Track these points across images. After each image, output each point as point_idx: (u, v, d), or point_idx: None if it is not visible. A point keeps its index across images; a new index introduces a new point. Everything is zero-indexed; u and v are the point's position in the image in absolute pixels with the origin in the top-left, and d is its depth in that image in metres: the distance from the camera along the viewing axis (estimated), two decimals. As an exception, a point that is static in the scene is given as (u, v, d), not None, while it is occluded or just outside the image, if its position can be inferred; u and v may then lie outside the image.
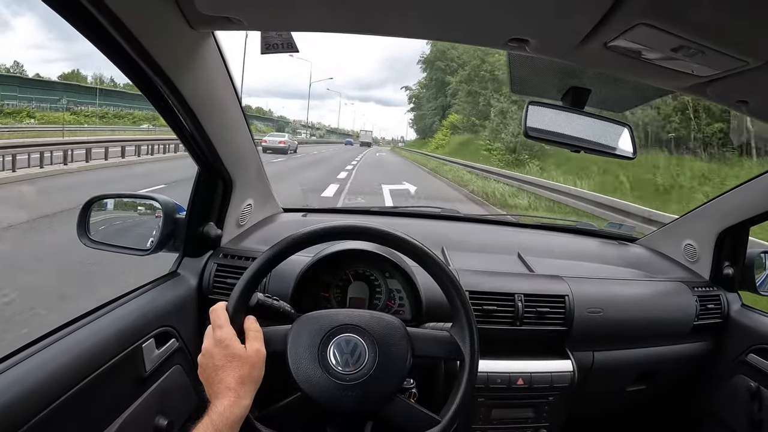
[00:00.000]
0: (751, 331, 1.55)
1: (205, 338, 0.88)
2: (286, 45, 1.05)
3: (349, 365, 0.87)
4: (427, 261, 0.97)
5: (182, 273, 1.32)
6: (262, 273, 0.95)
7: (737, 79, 0.84)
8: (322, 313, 0.94)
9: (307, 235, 0.95)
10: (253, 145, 1.35)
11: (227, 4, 0.82)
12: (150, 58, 0.85)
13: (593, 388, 1.48)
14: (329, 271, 1.30)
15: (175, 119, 1.06)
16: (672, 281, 1.62)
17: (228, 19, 0.86)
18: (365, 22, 0.89)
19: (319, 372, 0.87)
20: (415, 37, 0.91)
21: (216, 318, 0.88)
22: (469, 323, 0.93)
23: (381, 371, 0.87)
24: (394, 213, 1.85)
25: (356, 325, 0.90)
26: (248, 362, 0.84)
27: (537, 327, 1.34)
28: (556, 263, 1.62)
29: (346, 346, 0.88)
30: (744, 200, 1.53)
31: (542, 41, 0.85)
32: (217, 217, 1.34)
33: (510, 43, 0.86)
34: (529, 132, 1.06)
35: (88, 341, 0.94)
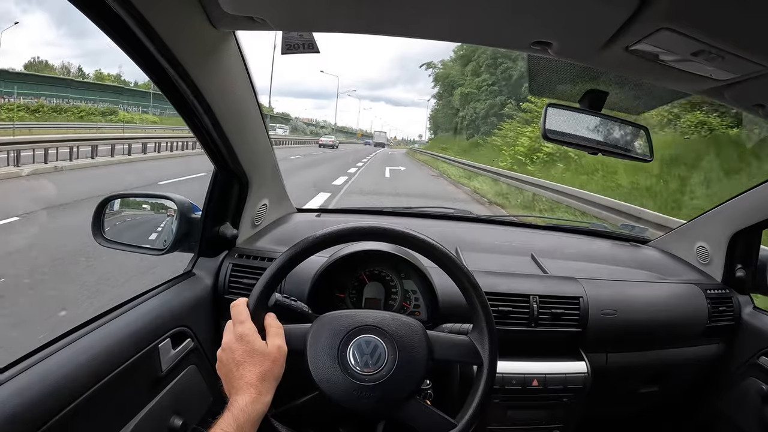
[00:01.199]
0: (762, 334, 1.57)
1: (225, 333, 0.89)
2: (307, 46, 1.07)
3: (368, 366, 0.88)
4: (447, 263, 0.98)
5: (197, 273, 1.34)
6: (283, 272, 0.96)
7: (755, 83, 0.86)
8: (341, 313, 0.94)
9: (329, 236, 0.96)
10: (269, 145, 1.37)
11: (251, 4, 0.83)
12: (172, 57, 0.87)
13: (606, 389, 1.49)
14: (345, 271, 1.32)
15: (193, 117, 1.08)
16: (684, 283, 1.64)
17: (251, 19, 0.87)
18: (390, 23, 0.90)
19: (338, 372, 0.87)
20: (439, 39, 0.93)
21: (237, 313, 0.89)
22: (489, 328, 0.94)
23: (400, 373, 0.88)
24: (408, 213, 1.87)
25: (376, 326, 0.91)
26: (269, 358, 0.85)
27: (551, 328, 1.36)
28: (569, 265, 1.64)
29: (366, 347, 0.89)
30: (758, 202, 1.54)
31: (565, 45, 0.87)
32: (233, 217, 1.36)
33: (533, 46, 0.88)
34: (548, 134, 1.08)
35: (105, 341, 0.96)
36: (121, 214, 1.42)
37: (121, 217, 1.43)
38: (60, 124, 27.48)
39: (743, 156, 9.53)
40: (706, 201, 8.44)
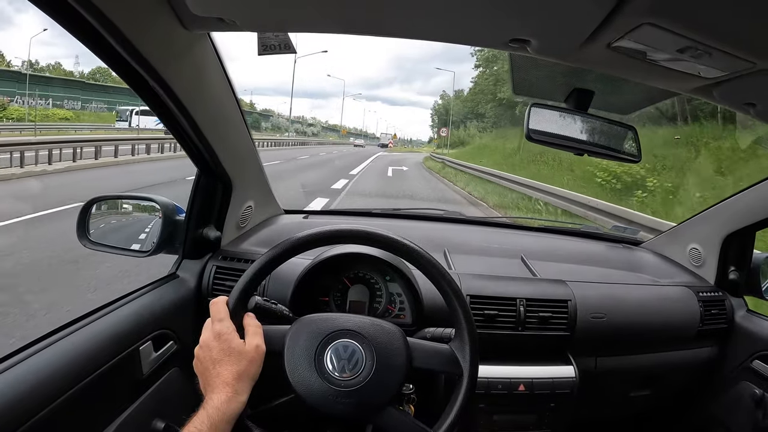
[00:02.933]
0: (756, 337, 1.51)
1: (204, 330, 0.86)
2: (284, 46, 1.03)
3: (345, 371, 0.84)
4: (429, 268, 0.94)
5: (181, 275, 1.30)
6: (263, 273, 0.92)
7: (744, 81, 0.81)
8: (321, 316, 0.91)
9: (309, 239, 0.93)
10: (252, 145, 1.33)
11: (220, 5, 0.80)
12: (144, 60, 0.83)
13: (596, 393, 1.44)
14: (329, 274, 1.27)
15: (172, 121, 1.05)
16: (676, 286, 1.58)
17: (222, 20, 0.84)
18: (362, 22, 0.86)
19: (314, 376, 0.84)
20: (413, 38, 0.88)
21: (216, 311, 0.86)
22: (471, 338, 0.90)
23: (377, 380, 0.84)
24: (397, 215, 1.81)
25: (356, 331, 0.87)
26: (247, 357, 0.82)
27: (539, 332, 1.30)
28: (559, 267, 1.58)
29: (344, 352, 0.86)
30: (751, 204, 1.49)
31: (544, 42, 0.82)
32: (217, 219, 1.32)
33: (511, 43, 0.83)
34: (531, 135, 1.03)
35: (85, 344, 0.93)
36: (107, 216, 1.39)
37: (108, 219, 1.39)
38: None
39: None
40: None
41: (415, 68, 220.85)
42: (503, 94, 35.65)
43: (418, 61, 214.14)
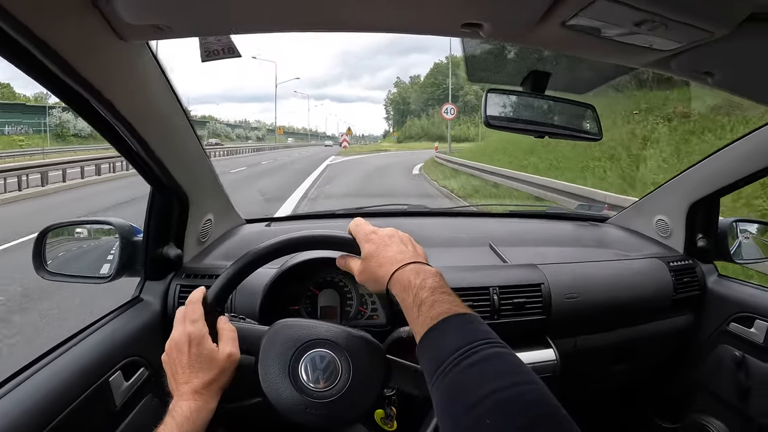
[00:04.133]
0: (730, 301, 1.51)
1: (176, 324, 0.81)
2: (228, 50, 0.96)
3: (319, 382, 0.80)
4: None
5: (145, 298, 1.23)
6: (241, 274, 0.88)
7: (702, 51, 0.78)
8: (300, 322, 0.85)
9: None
10: (205, 156, 1.25)
11: (154, 12, 0.73)
12: (80, 77, 0.76)
13: (577, 372, 1.42)
14: (297, 282, 1.21)
15: (116, 137, 0.97)
16: (647, 258, 1.57)
17: (158, 28, 0.77)
18: (305, 18, 0.80)
19: (286, 383, 0.79)
20: (361, 31, 0.82)
21: (191, 311, 0.81)
22: None
23: (351, 394, 0.80)
24: (360, 214, 1.74)
25: (334, 341, 0.82)
26: (218, 366, 0.78)
27: (515, 318, 1.27)
28: (529, 251, 1.55)
29: (320, 363, 0.81)
30: (712, 171, 1.48)
31: (496, 25, 0.77)
32: (176, 236, 1.25)
33: (463, 29, 0.78)
34: (489, 121, 0.98)
35: (50, 383, 0.86)
36: (64, 244, 1.29)
37: (65, 247, 1.30)
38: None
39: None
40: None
41: (361, 63, 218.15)
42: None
43: (363, 56, 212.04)
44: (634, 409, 1.86)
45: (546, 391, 0.56)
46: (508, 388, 0.55)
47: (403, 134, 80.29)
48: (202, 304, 0.83)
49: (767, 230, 1.64)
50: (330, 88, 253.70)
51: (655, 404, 1.78)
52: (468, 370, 0.59)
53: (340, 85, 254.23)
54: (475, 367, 0.59)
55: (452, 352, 0.60)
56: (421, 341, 0.66)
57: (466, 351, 0.60)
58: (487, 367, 0.59)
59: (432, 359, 0.63)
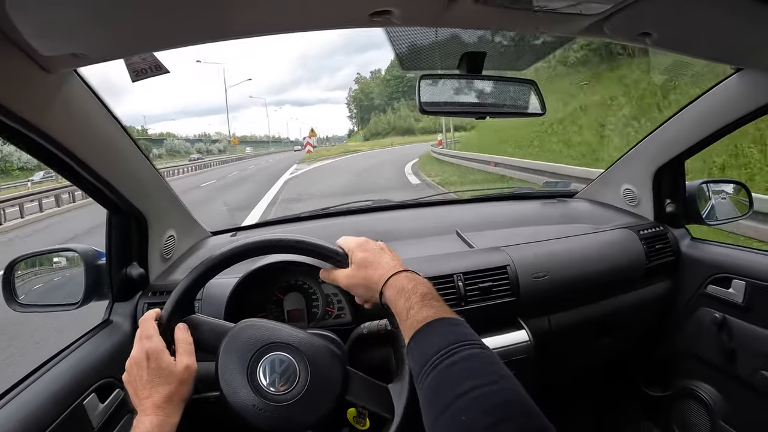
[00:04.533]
0: (705, 263, 1.49)
1: (135, 343, 0.82)
2: (155, 68, 0.95)
3: (275, 385, 0.80)
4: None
5: (115, 319, 1.22)
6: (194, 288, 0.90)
7: (636, 10, 0.76)
8: (266, 324, 0.86)
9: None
10: (157, 174, 1.24)
11: (67, 43, 0.73)
12: (12, 114, 0.76)
13: (558, 350, 1.40)
14: (260, 289, 1.20)
15: (62, 166, 0.96)
16: (616, 229, 1.55)
17: (76, 56, 0.77)
18: (214, 29, 0.78)
19: (243, 382, 0.81)
20: (273, 33, 0.81)
21: (145, 329, 0.83)
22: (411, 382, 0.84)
23: (307, 400, 0.80)
24: (326, 214, 1.73)
25: (297, 347, 0.83)
26: (177, 379, 0.78)
27: (483, 303, 1.25)
28: (497, 234, 1.53)
29: (279, 366, 0.81)
30: (672, 135, 1.46)
31: (406, 9, 0.75)
32: (139, 256, 1.24)
33: (373, 18, 0.76)
34: (424, 107, 0.97)
35: (22, 413, 0.86)
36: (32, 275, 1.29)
37: (34, 278, 1.30)
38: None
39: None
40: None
41: (319, 65, 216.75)
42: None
43: (320, 57, 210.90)
44: (622, 381, 1.84)
45: (520, 389, 0.60)
46: (483, 386, 0.58)
47: (369, 131, 76.29)
48: (157, 320, 0.85)
49: (740, 189, 1.61)
50: (289, 93, 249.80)
51: (643, 374, 1.76)
52: (448, 370, 0.62)
53: (300, 88, 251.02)
54: (455, 366, 0.62)
55: (435, 353, 0.64)
56: (409, 343, 0.70)
57: (447, 351, 0.63)
58: (465, 366, 0.62)
59: (417, 361, 0.66)
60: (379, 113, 76.89)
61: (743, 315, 1.37)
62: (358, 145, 60.00)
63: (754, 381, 1.33)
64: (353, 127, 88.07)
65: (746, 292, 1.35)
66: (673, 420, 1.62)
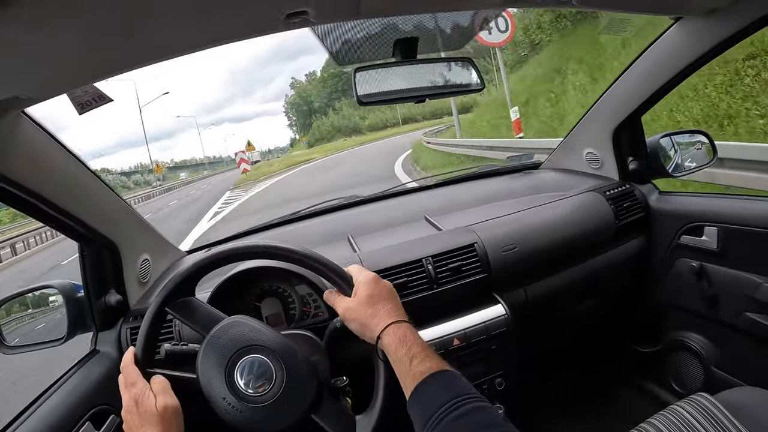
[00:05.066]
0: (675, 215, 1.49)
1: (123, 393, 0.85)
2: (98, 98, 0.97)
3: (249, 386, 0.83)
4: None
5: (101, 349, 1.23)
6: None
7: None
8: (254, 325, 0.89)
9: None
10: (121, 201, 1.25)
11: (6, 87, 0.74)
12: None
13: (539, 320, 1.41)
14: (236, 298, 1.20)
15: (28, 207, 0.97)
16: (582, 193, 1.55)
17: (19, 99, 0.78)
18: (139, 53, 0.79)
19: (220, 374, 0.83)
20: (194, 51, 0.81)
21: (128, 375, 0.85)
22: (380, 414, 0.87)
23: (273, 409, 0.82)
24: (295, 218, 1.73)
25: (280, 357, 0.85)
26: (162, 420, 0.80)
27: (456, 283, 1.25)
28: (465, 214, 1.53)
29: (257, 369, 0.84)
30: (624, 94, 1.47)
31: (320, 7, 0.76)
32: (116, 283, 1.25)
33: (290, 20, 0.77)
34: (362, 100, 0.98)
35: None
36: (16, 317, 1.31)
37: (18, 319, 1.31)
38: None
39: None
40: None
41: (252, 78, 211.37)
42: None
43: (251, 70, 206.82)
44: (611, 342, 1.85)
45: None
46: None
47: (312, 137, 71.50)
48: (136, 364, 0.87)
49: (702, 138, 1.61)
50: (226, 110, 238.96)
51: (631, 332, 1.77)
52: (455, 423, 0.66)
53: (235, 104, 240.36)
54: (461, 419, 0.66)
55: (440, 406, 0.68)
56: (412, 394, 0.73)
57: (451, 405, 0.67)
58: (471, 419, 0.66)
59: (422, 413, 0.70)
60: (320, 116, 71.63)
61: (719, 260, 1.38)
62: (305, 153, 52.84)
63: (740, 323, 1.34)
64: (295, 136, 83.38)
65: (719, 237, 1.36)
66: (667, 373, 1.63)
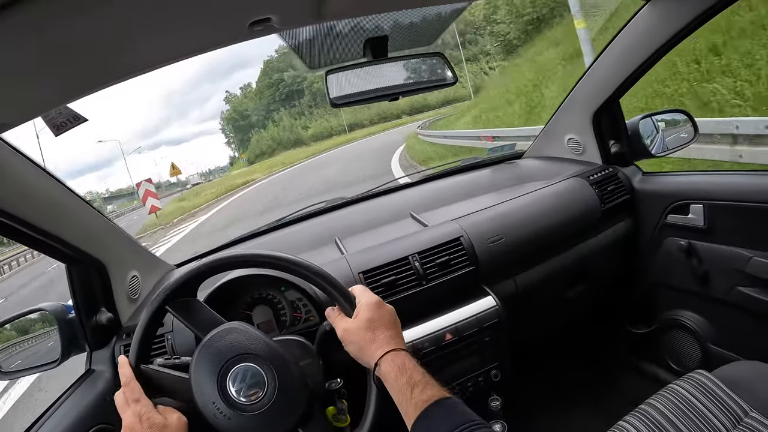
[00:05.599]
0: (660, 194, 1.49)
1: (122, 412, 0.83)
2: (73, 119, 0.97)
3: (241, 393, 0.82)
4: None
5: (96, 368, 1.22)
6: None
7: None
8: (251, 333, 0.87)
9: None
10: (104, 219, 1.25)
11: None
12: None
13: (531, 309, 1.41)
14: (227, 308, 1.20)
15: (7, 230, 0.96)
16: (565, 179, 1.55)
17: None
18: (112, 70, 0.78)
19: (213, 378, 0.83)
20: (160, 66, 0.80)
21: (130, 392, 0.83)
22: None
23: (261, 420, 0.81)
24: (282, 225, 1.72)
25: (275, 370, 0.84)
26: (171, 430, 0.80)
27: (445, 278, 1.25)
28: (450, 209, 1.53)
29: (249, 378, 0.83)
30: (600, 78, 1.47)
31: (283, 13, 0.76)
32: (106, 302, 1.24)
33: (254, 28, 0.77)
34: (335, 102, 0.98)
35: None
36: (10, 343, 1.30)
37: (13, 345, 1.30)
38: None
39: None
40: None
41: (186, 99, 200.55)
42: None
43: (186, 91, 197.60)
44: (607, 325, 1.85)
45: None
46: None
47: (252, 153, 65.84)
48: (136, 377, 0.85)
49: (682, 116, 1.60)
50: (163, 134, 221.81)
51: (625, 314, 1.77)
52: None
53: (171, 127, 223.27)
54: None
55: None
56: (416, 422, 0.73)
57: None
58: None
59: None
60: (259, 130, 67.00)
61: (707, 237, 1.38)
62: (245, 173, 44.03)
63: (732, 298, 1.34)
64: (234, 153, 77.57)
65: (705, 214, 1.36)
66: (663, 352, 1.62)
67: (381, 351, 0.81)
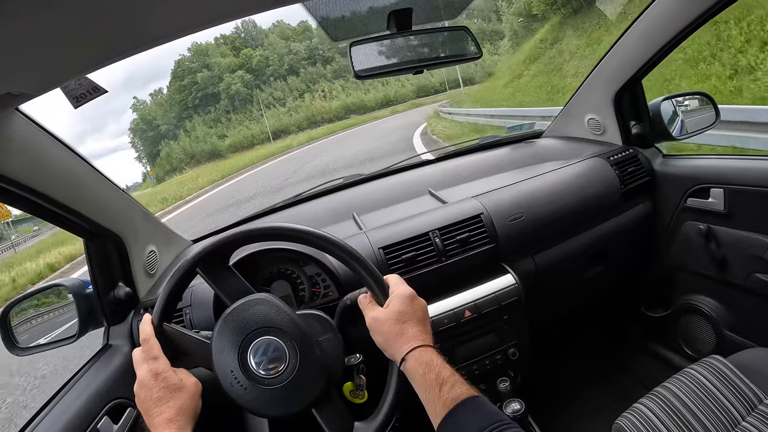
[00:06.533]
0: (681, 178, 1.47)
1: (138, 368, 0.82)
2: (92, 90, 0.94)
3: (260, 366, 0.81)
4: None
5: (113, 343, 1.22)
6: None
7: None
8: (280, 307, 0.85)
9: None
10: (124, 194, 1.24)
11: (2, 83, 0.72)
12: None
13: (548, 289, 1.39)
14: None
15: (29, 204, 0.96)
16: (586, 159, 1.53)
17: (12, 95, 0.76)
18: (140, 36, 0.74)
19: (234, 347, 0.82)
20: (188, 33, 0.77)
21: (149, 349, 0.83)
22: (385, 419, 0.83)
23: (278, 395, 0.80)
24: (300, 200, 1.70)
25: (298, 348, 0.82)
26: (187, 393, 0.80)
27: (465, 255, 1.24)
28: (469, 186, 1.51)
29: (272, 352, 0.81)
30: (623, 57, 1.44)
31: None
32: (124, 276, 1.23)
33: None
34: (359, 74, 0.96)
35: None
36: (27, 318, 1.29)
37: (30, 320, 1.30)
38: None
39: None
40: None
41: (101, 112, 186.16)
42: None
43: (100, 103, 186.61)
44: (623, 308, 1.84)
45: None
46: None
47: (161, 169, 56.22)
48: (156, 336, 0.84)
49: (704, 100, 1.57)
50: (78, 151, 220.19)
51: (642, 297, 1.75)
52: None
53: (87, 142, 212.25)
54: None
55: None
56: (445, 419, 0.71)
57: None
58: None
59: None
60: (169, 141, 57.84)
61: (727, 222, 1.36)
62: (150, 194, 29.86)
63: (750, 284, 1.32)
64: (145, 169, 67.73)
65: (726, 198, 1.34)
66: (678, 336, 1.61)
67: (408, 346, 0.79)
